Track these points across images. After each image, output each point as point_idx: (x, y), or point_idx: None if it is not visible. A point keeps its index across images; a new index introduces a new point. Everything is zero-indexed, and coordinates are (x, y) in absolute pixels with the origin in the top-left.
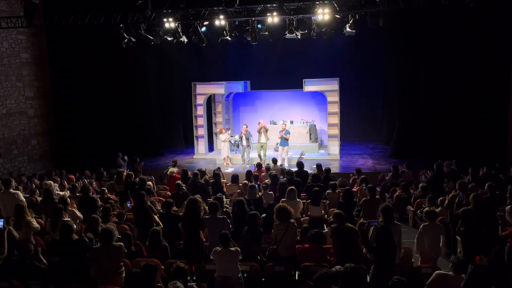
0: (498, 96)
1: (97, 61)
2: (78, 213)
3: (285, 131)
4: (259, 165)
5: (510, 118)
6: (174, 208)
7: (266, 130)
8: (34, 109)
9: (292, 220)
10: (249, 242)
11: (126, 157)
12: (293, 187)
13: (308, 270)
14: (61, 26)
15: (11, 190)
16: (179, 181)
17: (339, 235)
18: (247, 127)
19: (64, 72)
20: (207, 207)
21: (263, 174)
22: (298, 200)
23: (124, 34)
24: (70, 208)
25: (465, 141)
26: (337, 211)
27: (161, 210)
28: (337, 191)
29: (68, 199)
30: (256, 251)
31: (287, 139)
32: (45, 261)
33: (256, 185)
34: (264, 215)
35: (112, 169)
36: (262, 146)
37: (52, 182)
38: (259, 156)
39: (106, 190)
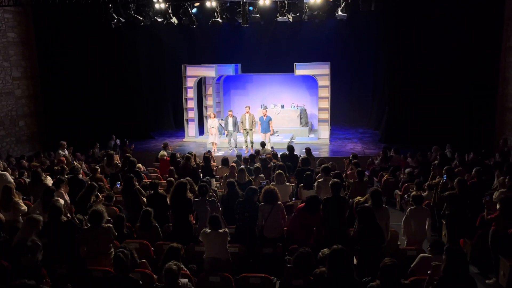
0: (487, 83)
1: (86, 42)
2: (66, 196)
3: (266, 117)
4: (257, 152)
5: (498, 105)
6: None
7: (252, 120)
8: (21, 89)
9: (278, 203)
10: (249, 221)
11: (118, 140)
12: (281, 171)
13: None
14: (49, 4)
15: None
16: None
17: (330, 205)
18: (232, 112)
19: (52, 52)
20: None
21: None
22: (287, 184)
23: (113, 14)
24: (60, 190)
25: (454, 127)
26: (334, 179)
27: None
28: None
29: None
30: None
31: (270, 125)
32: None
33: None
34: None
35: (102, 151)
36: (247, 132)
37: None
38: (246, 141)
39: (99, 170)
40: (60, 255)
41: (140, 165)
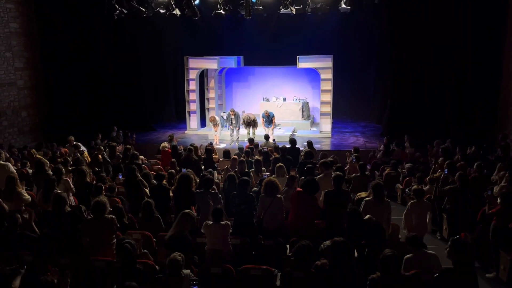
0: (490, 77)
1: (88, 33)
2: (71, 185)
3: (269, 114)
4: (251, 140)
5: (501, 100)
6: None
7: (251, 123)
8: (23, 80)
9: (278, 196)
10: (244, 214)
11: (121, 132)
12: (281, 164)
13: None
14: None
15: (1, 161)
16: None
17: (331, 198)
18: (233, 111)
19: (54, 43)
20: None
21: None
22: (287, 176)
23: (116, 5)
24: (64, 178)
25: (456, 121)
26: (336, 173)
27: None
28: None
29: (63, 170)
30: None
31: (273, 122)
32: (37, 230)
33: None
34: (256, 188)
35: (105, 140)
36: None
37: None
38: (248, 133)
39: (100, 157)
40: (62, 245)
41: (142, 156)
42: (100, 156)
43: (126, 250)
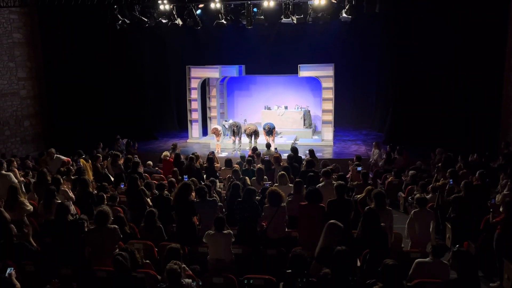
0: (491, 85)
1: (91, 43)
2: (71, 194)
3: (270, 125)
4: (254, 149)
5: (503, 108)
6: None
7: (253, 133)
8: (26, 90)
9: (282, 205)
10: (248, 221)
11: (124, 141)
12: (283, 172)
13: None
14: (54, 5)
15: (3, 171)
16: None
17: (334, 207)
18: (235, 124)
19: (56, 53)
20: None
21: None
22: (290, 185)
23: (118, 15)
24: (62, 188)
25: (458, 129)
26: (339, 182)
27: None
28: (333, 176)
29: (61, 180)
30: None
31: (272, 133)
32: (34, 244)
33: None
34: (258, 197)
35: (106, 149)
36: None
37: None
38: (250, 142)
39: (100, 167)
40: (65, 255)
41: (150, 162)
42: (99, 165)
43: (117, 262)
